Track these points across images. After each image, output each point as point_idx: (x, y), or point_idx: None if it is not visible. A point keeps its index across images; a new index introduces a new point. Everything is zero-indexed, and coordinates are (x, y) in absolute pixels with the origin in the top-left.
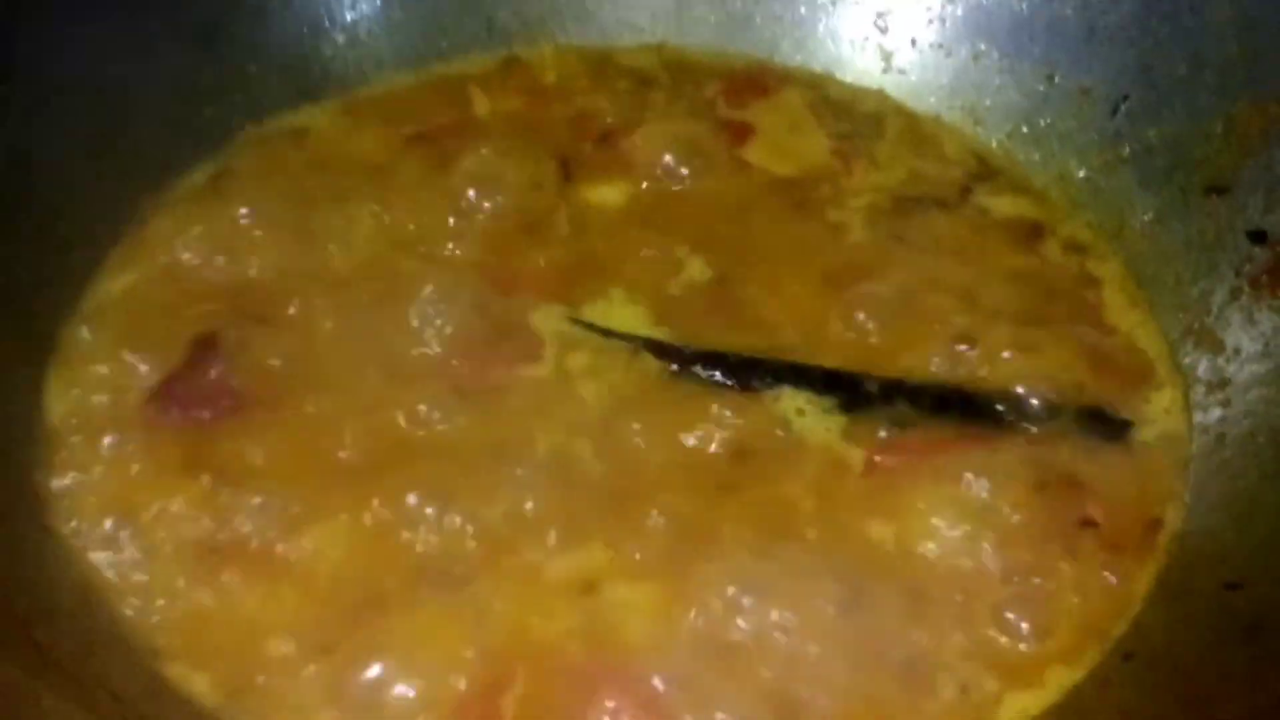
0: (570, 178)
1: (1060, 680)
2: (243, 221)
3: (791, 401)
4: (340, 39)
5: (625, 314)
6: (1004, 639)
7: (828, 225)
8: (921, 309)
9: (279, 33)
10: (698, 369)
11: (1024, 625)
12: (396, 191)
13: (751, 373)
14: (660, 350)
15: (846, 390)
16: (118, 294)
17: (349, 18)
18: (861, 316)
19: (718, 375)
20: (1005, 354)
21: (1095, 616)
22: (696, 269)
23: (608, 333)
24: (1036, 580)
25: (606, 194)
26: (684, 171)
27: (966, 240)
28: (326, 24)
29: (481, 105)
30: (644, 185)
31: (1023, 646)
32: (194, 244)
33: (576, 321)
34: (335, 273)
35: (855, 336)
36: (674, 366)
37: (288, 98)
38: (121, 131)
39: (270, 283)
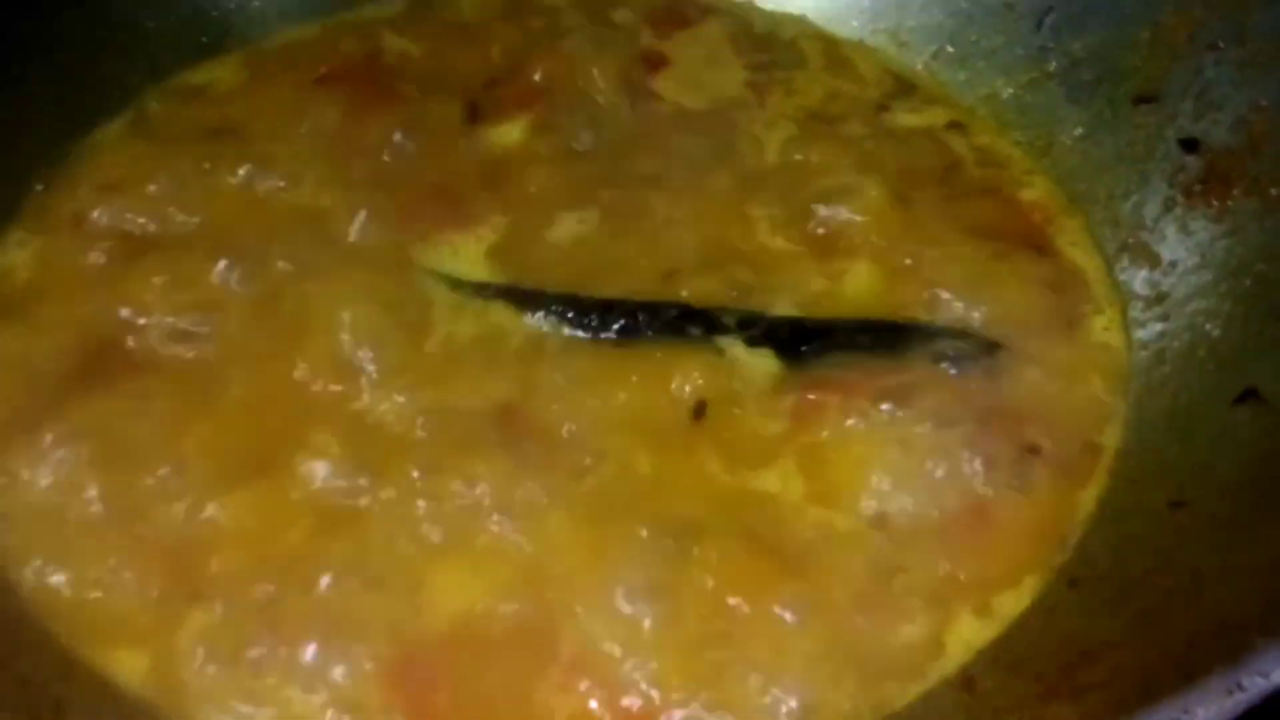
0: (477, 118)
1: (1006, 609)
2: (148, 187)
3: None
4: None
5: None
6: (949, 570)
7: (732, 152)
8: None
9: None
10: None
11: (969, 557)
12: (299, 138)
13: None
14: (521, 298)
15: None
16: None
17: None
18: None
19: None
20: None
21: (1039, 543)
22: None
23: (457, 283)
24: (981, 510)
25: (509, 133)
26: (597, 103)
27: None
28: None
29: (392, 47)
30: (548, 121)
31: (963, 576)
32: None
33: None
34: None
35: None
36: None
37: (189, 54)
38: (14, 95)
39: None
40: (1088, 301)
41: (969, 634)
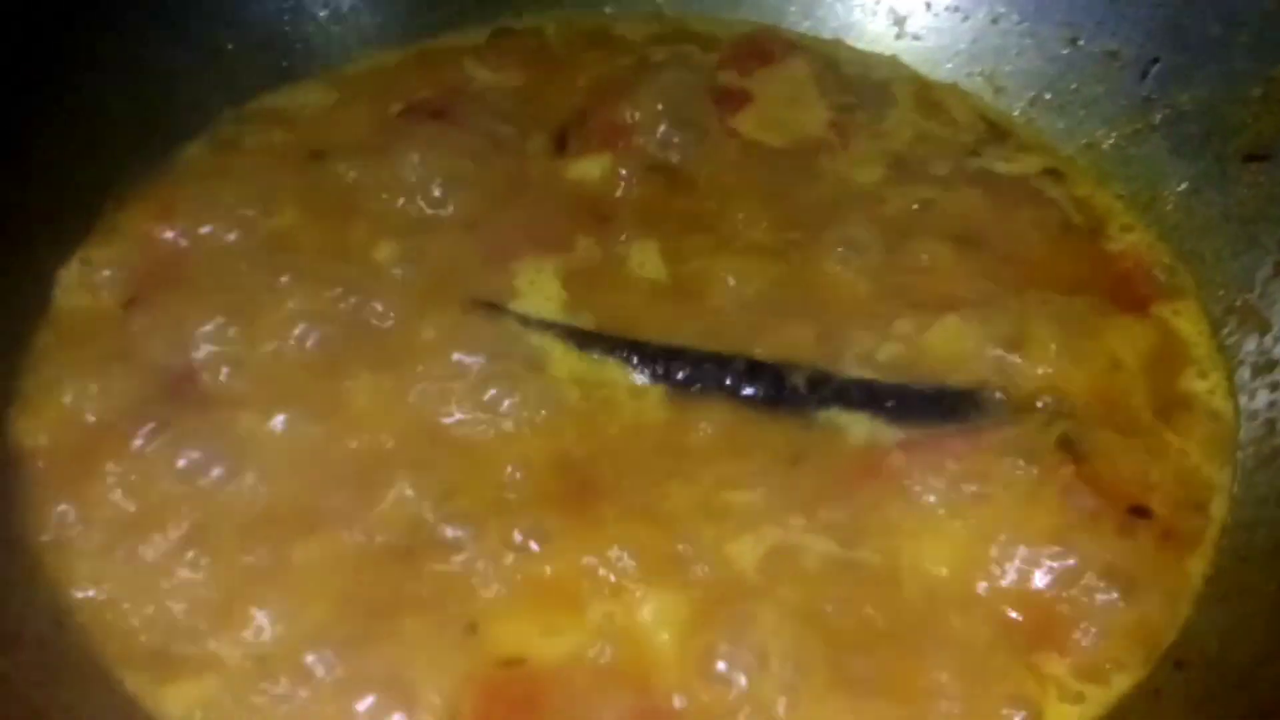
0: (565, 150)
1: (1105, 694)
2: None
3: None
4: (323, 14)
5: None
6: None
7: (813, 194)
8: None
9: (258, 9)
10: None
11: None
12: (381, 167)
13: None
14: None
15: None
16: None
17: None
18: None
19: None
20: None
21: (1143, 621)
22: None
23: (524, 320)
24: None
25: (591, 168)
26: (675, 141)
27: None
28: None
29: (477, 77)
30: (631, 157)
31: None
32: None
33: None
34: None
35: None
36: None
37: (268, 77)
38: (91, 115)
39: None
40: (1190, 365)
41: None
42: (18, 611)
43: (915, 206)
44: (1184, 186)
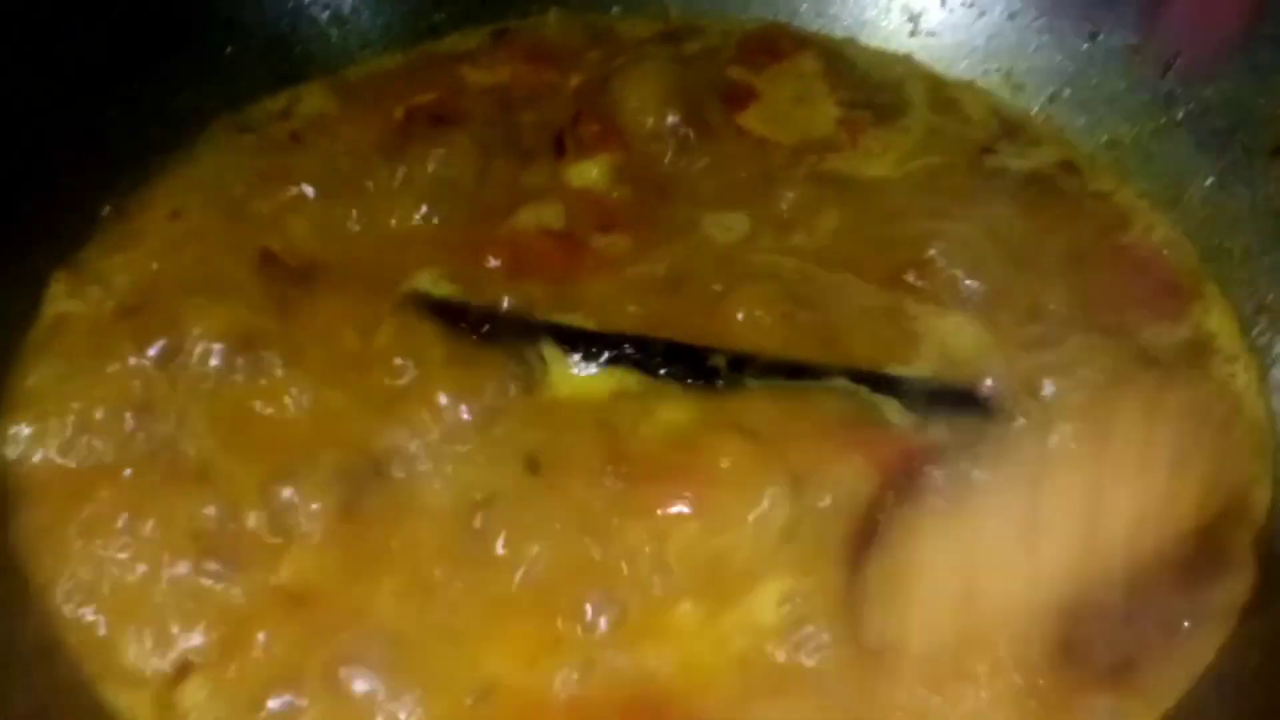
0: (562, 154)
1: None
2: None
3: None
4: (324, 17)
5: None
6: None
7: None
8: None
9: (256, 12)
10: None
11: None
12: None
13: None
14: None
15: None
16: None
17: None
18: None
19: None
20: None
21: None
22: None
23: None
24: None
25: (588, 170)
26: (681, 135)
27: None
28: (308, 2)
29: (476, 80)
30: (630, 158)
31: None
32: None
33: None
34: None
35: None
36: None
37: (267, 83)
38: (88, 120)
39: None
40: (1222, 364)
41: None
42: (5, 632)
43: (925, 206)
44: (1210, 182)
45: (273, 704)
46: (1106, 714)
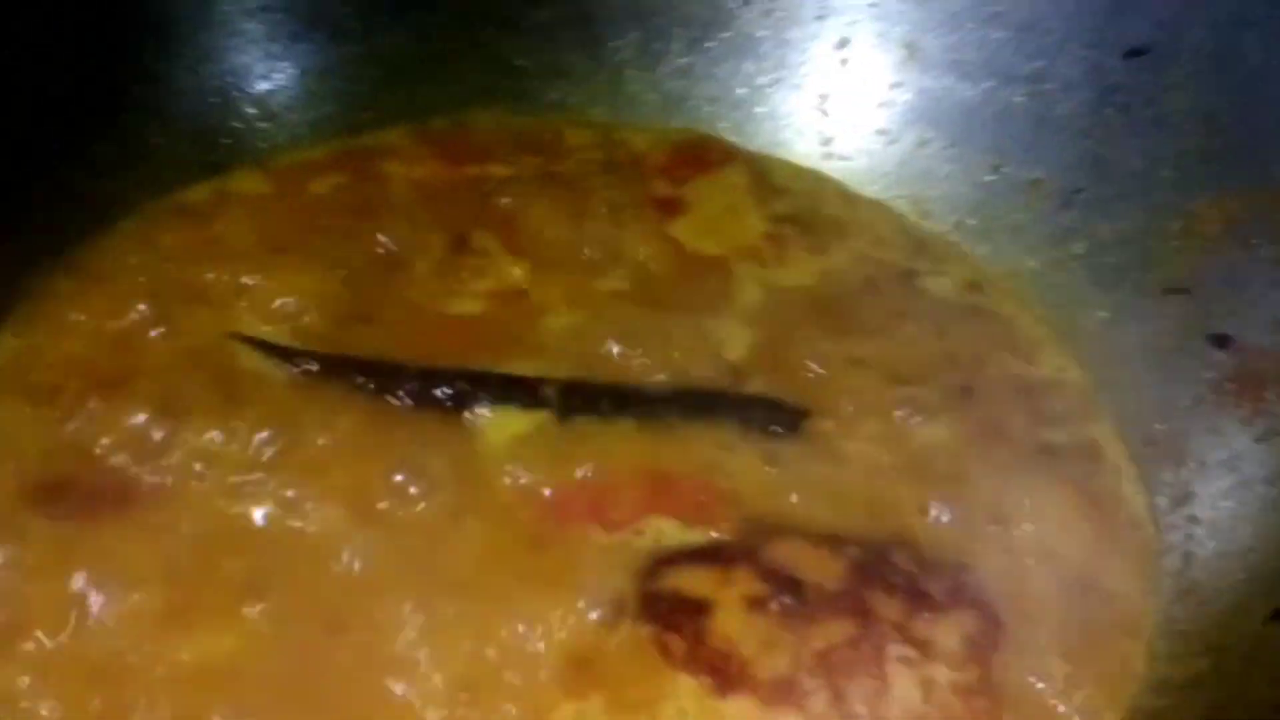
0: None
1: None
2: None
3: None
4: (252, 111)
5: None
6: None
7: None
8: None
9: (186, 103)
10: None
11: None
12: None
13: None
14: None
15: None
16: None
17: (262, 88)
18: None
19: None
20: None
21: None
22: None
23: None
24: None
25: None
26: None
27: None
28: (236, 94)
29: (395, 175)
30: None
31: None
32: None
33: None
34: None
35: None
36: None
37: (192, 172)
38: (8, 202)
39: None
40: (1116, 497)
41: None
42: None
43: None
44: (1104, 315)
45: None
46: None
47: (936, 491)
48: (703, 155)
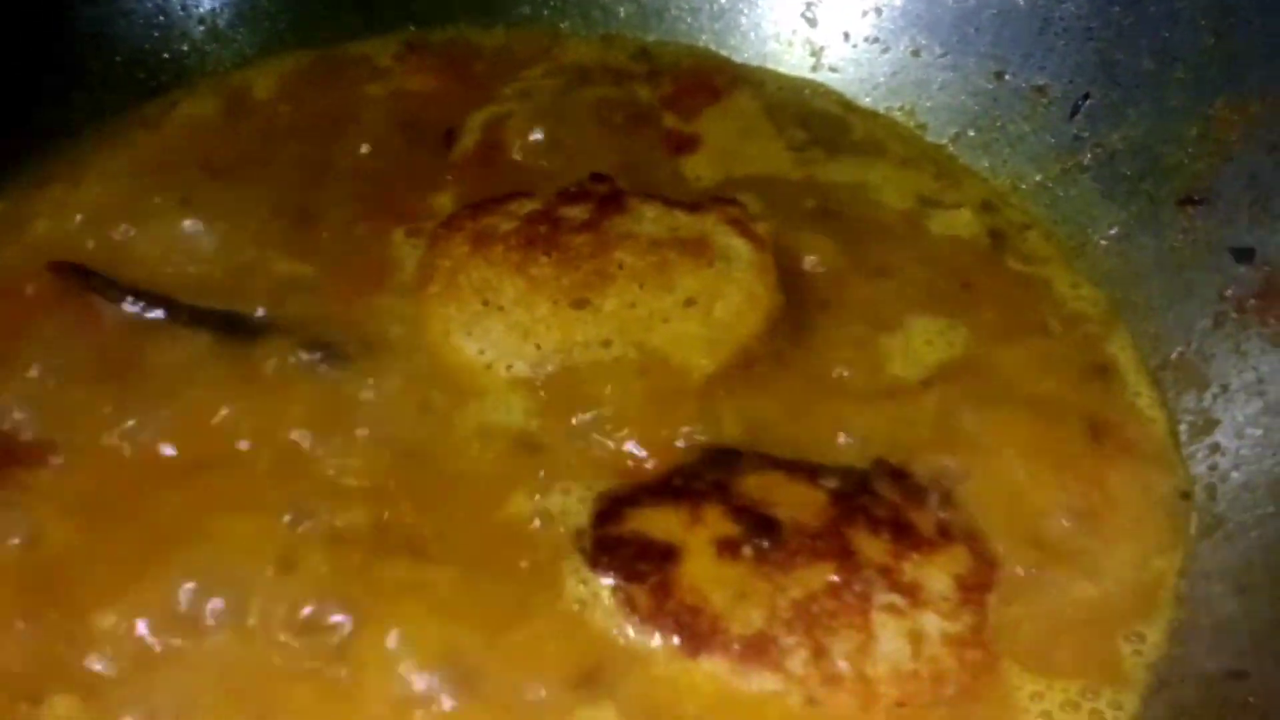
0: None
1: None
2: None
3: None
4: (198, 31)
5: None
6: None
7: None
8: None
9: (125, 25)
10: None
11: None
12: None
13: None
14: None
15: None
16: None
17: (207, 6)
18: None
19: None
20: None
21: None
22: None
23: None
24: None
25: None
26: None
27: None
28: (181, 13)
29: (374, 90)
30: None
31: None
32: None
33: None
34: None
35: None
36: None
37: (136, 96)
38: None
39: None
40: (1133, 424)
41: None
42: None
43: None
44: (1115, 231)
45: None
46: None
47: (928, 412)
48: (709, 83)
